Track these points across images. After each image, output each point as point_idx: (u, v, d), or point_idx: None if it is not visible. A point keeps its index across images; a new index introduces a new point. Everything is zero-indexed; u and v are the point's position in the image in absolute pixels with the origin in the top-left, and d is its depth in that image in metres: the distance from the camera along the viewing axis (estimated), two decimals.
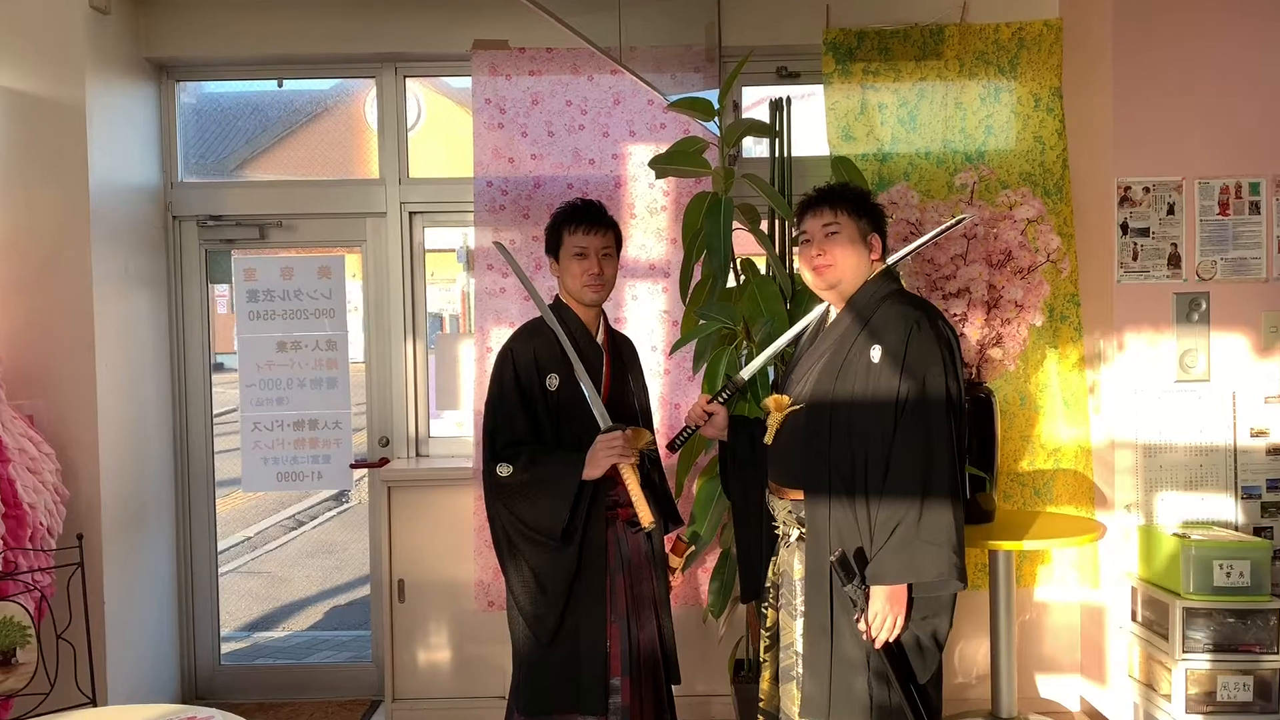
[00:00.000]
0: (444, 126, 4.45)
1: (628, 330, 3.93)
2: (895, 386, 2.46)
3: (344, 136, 4.44)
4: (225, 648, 5.07)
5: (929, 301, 2.69)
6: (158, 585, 4.06)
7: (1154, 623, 3.42)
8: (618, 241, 2.93)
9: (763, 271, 3.52)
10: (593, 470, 2.62)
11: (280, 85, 4.21)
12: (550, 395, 2.73)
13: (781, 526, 2.65)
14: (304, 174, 4.32)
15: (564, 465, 2.63)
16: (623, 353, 2.95)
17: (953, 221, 2.83)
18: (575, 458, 2.63)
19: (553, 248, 2.89)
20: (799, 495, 2.57)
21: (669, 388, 3.95)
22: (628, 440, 2.63)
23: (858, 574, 2.41)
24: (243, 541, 7.52)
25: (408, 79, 4.14)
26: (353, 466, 4.14)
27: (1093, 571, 3.82)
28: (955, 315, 3.39)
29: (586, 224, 2.84)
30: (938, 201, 3.59)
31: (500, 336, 3.89)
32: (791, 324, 3.26)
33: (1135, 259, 3.60)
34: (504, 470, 2.64)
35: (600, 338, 2.89)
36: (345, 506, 8.57)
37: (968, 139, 3.98)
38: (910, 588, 2.42)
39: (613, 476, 2.67)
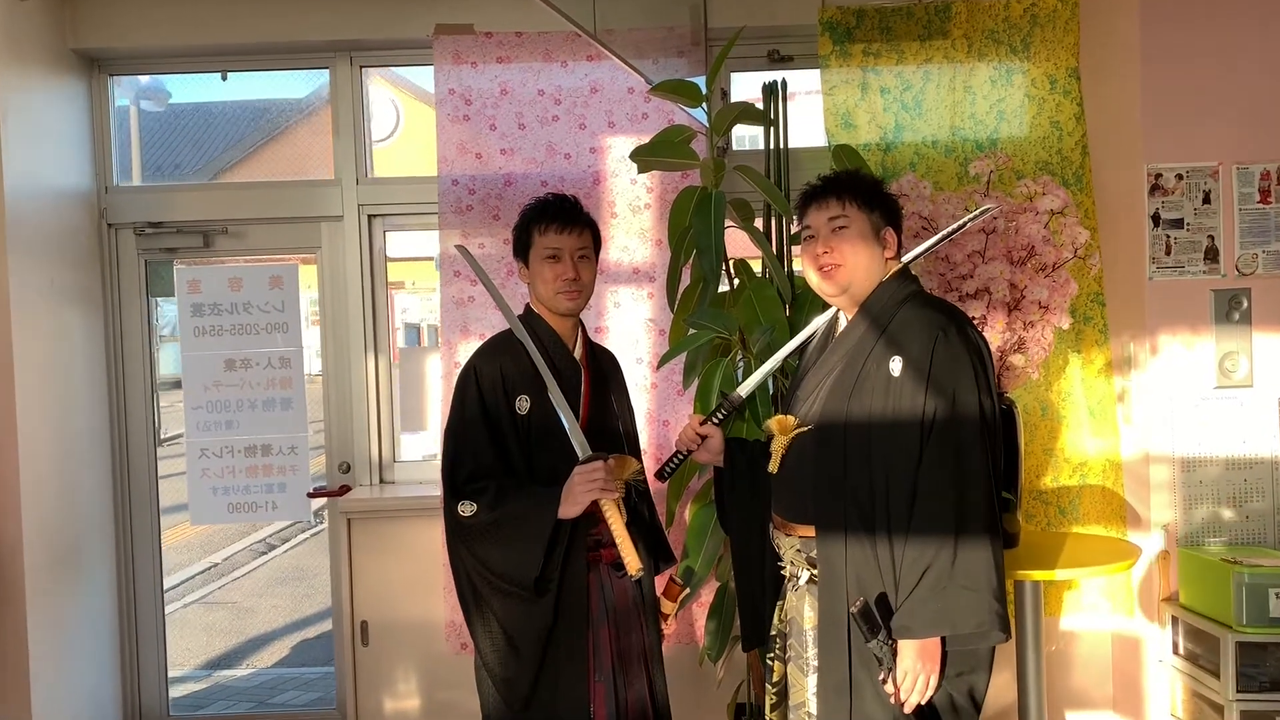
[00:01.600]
0: (424, 135, 4.05)
1: (609, 342, 3.57)
2: (920, 404, 2.12)
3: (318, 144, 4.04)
4: (182, 689, 4.71)
5: (954, 305, 2.35)
6: (95, 629, 3.67)
7: (1200, 657, 3.08)
8: (596, 242, 2.58)
9: (759, 274, 3.18)
10: (570, 508, 2.26)
11: (225, 79, 3.84)
12: (520, 420, 2.37)
13: (789, 567, 2.30)
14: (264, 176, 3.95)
15: (536, 503, 2.27)
16: (604, 369, 2.59)
17: (976, 213, 2.49)
18: (549, 493, 2.27)
19: (522, 250, 2.54)
20: (809, 532, 2.22)
21: (657, 403, 3.59)
22: (610, 471, 2.27)
23: (882, 626, 2.06)
24: (209, 569, 7.12)
25: (364, 69, 3.77)
26: (311, 495, 3.77)
27: (1126, 598, 3.47)
28: (973, 319, 3.04)
29: (559, 222, 2.48)
30: (949, 193, 3.24)
31: (468, 353, 3.53)
32: (793, 332, 2.92)
33: (1168, 253, 3.26)
34: (466, 509, 2.28)
35: (578, 352, 2.53)
36: (320, 528, 8.18)
37: (978, 125, 3.64)
38: (944, 639, 2.07)
39: (594, 513, 2.31)
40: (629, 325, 3.60)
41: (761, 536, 2.45)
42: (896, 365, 2.16)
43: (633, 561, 2.21)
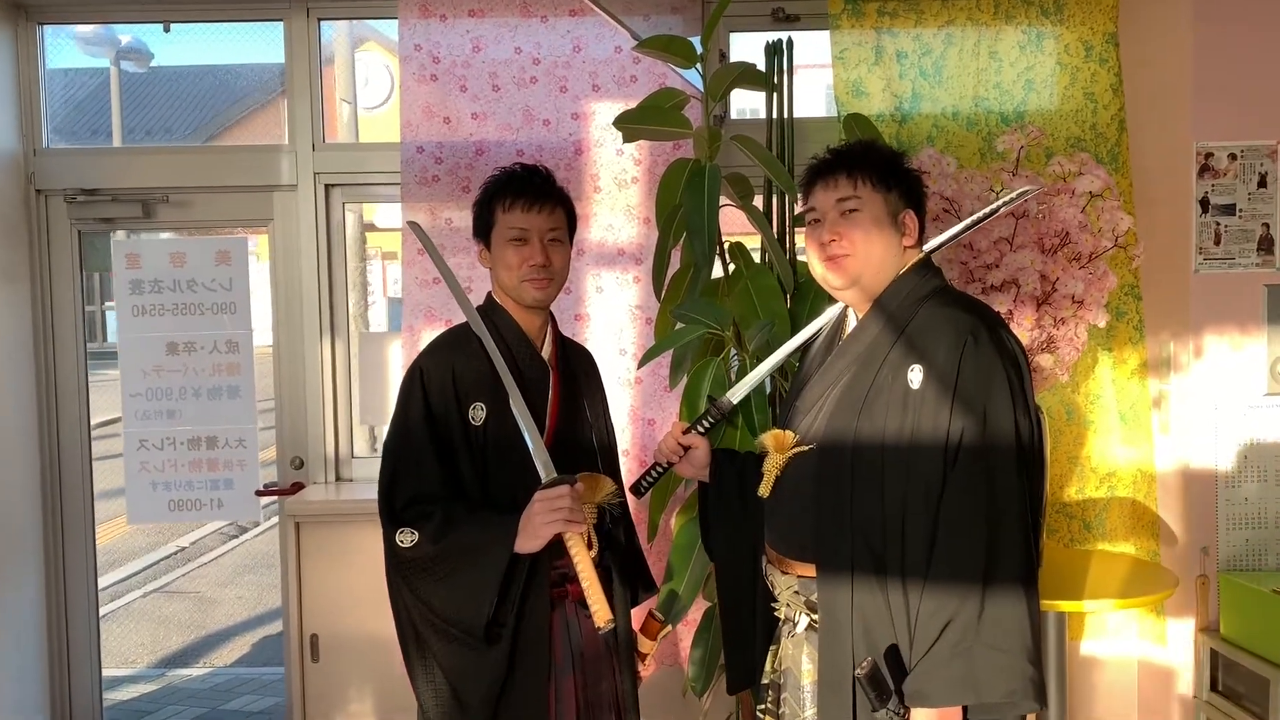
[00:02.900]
0: None
1: (591, 331, 3.22)
2: (944, 423, 1.77)
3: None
4: (131, 691, 4.40)
5: (984, 303, 1.99)
6: (20, 633, 3.33)
7: (1243, 696, 2.75)
8: (570, 222, 2.21)
9: (757, 259, 2.82)
10: (528, 541, 1.91)
11: (167, 30, 3.46)
12: (474, 432, 2.01)
13: (784, 609, 1.96)
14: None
15: (489, 534, 1.92)
16: (576, 370, 2.23)
17: (1014, 195, 2.12)
18: (505, 523, 1.92)
19: (483, 229, 2.17)
20: (808, 571, 1.88)
21: (641, 399, 3.24)
22: (578, 497, 1.92)
23: (893, 692, 1.72)
24: (176, 553, 6.78)
25: (322, 21, 3.39)
26: (260, 494, 3.42)
27: (1157, 624, 3.13)
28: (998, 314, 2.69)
29: (527, 198, 2.12)
30: (973, 170, 2.88)
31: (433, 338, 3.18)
32: (795, 327, 2.57)
33: (1217, 243, 2.91)
34: (407, 538, 1.93)
35: (546, 350, 2.17)
36: None
37: (1004, 96, 3.28)
38: (965, 708, 1.73)
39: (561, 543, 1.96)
40: (612, 313, 3.25)
41: (753, 565, 2.11)
42: (916, 376, 1.80)
43: (601, 611, 1.86)
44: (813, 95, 3.26)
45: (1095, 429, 3.21)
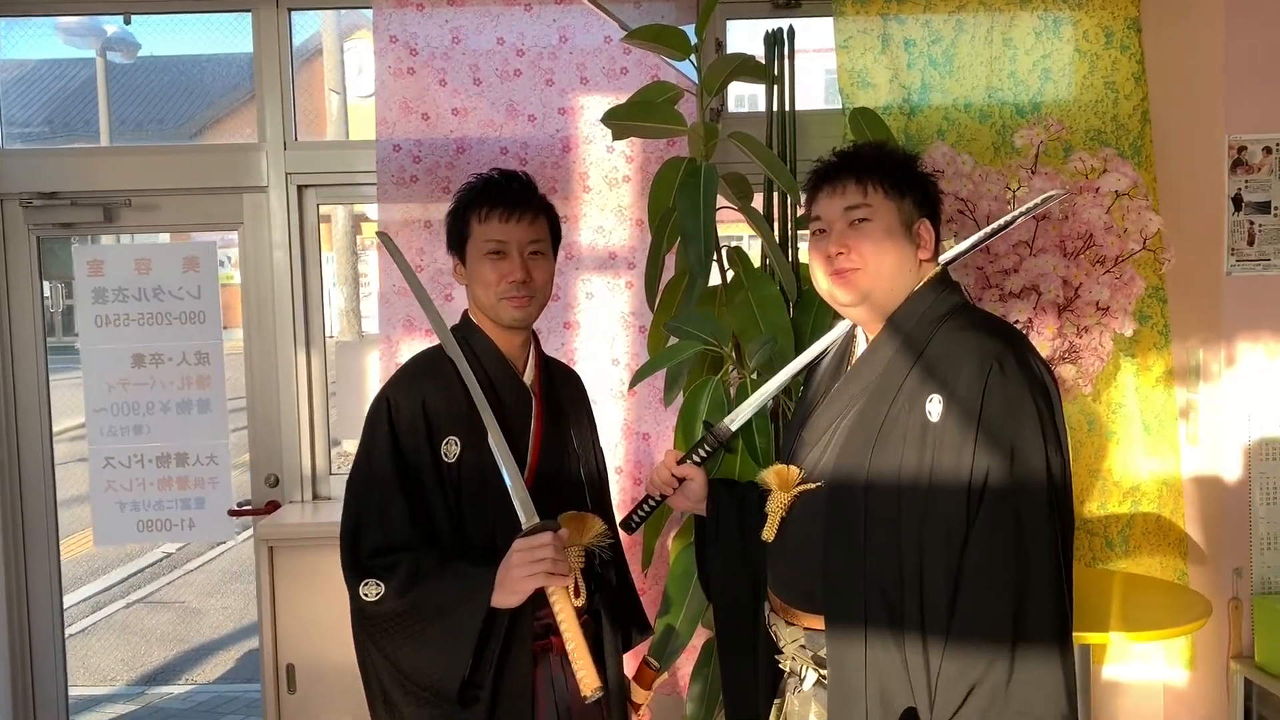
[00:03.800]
0: None
1: (581, 340, 3.03)
2: (967, 461, 1.58)
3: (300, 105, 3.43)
4: (108, 712, 4.23)
5: (1008, 324, 1.80)
6: None
7: None
8: (553, 233, 2.02)
9: (756, 262, 2.63)
10: (507, 597, 1.71)
11: (128, 22, 3.26)
12: (447, 470, 1.82)
13: (789, 662, 1.77)
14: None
15: (463, 588, 1.72)
16: (562, 396, 2.04)
17: (1041, 198, 1.93)
18: (480, 575, 1.72)
19: (457, 242, 1.98)
20: (816, 623, 1.70)
21: (635, 413, 3.05)
22: (562, 545, 1.73)
23: None
24: (162, 559, 6.60)
25: (293, 11, 3.18)
26: (233, 514, 3.24)
27: (1185, 649, 2.95)
28: (1016, 323, 2.50)
29: (505, 207, 1.92)
30: (989, 168, 2.68)
31: (411, 351, 2.97)
32: (798, 338, 2.38)
33: (1251, 243, 2.71)
34: (372, 591, 1.74)
35: (529, 375, 1.98)
36: None
37: (1019, 86, 3.07)
38: None
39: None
40: (603, 320, 3.05)
41: (754, 607, 1.93)
42: (935, 407, 1.61)
43: (588, 679, 1.67)
44: (812, 81, 3.06)
45: (1118, 440, 3.02)
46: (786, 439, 1.91)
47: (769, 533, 1.76)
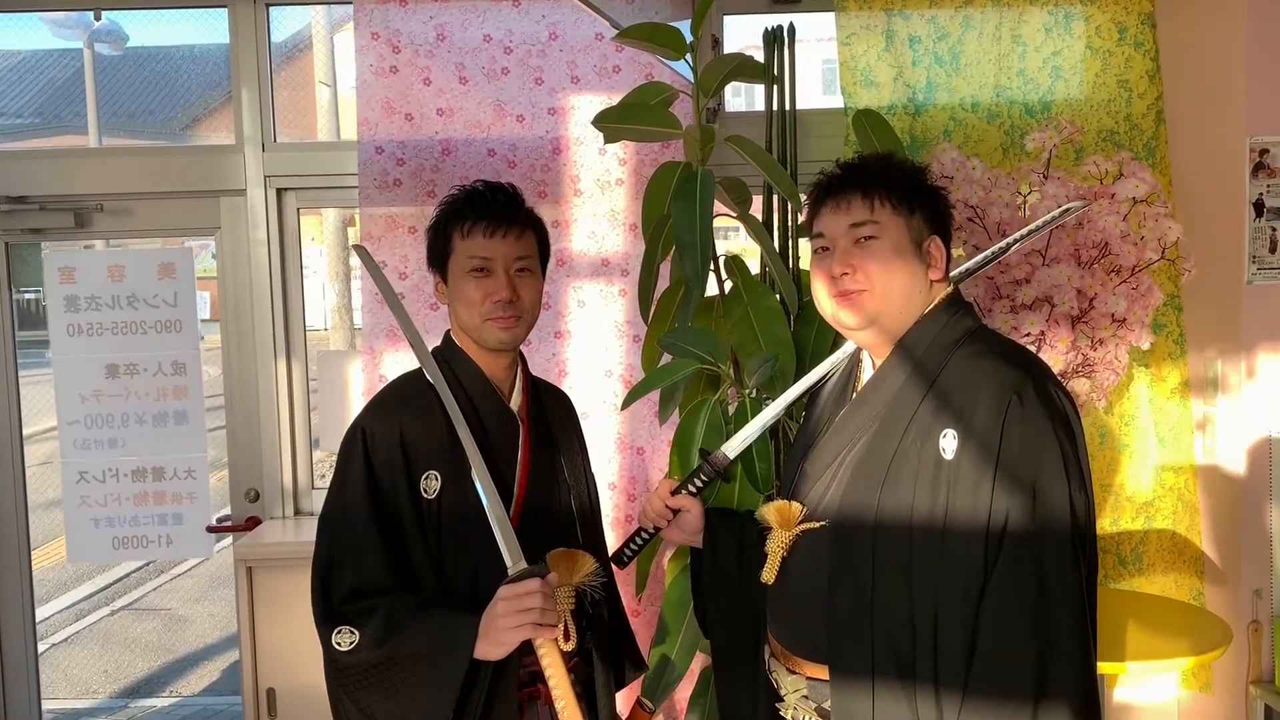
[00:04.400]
0: None
1: (573, 351, 2.91)
2: (985, 502, 1.46)
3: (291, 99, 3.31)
4: None
5: (1028, 350, 1.68)
6: None
7: None
8: (542, 249, 1.89)
9: (755, 273, 2.50)
10: (491, 648, 1.59)
11: (98, 20, 3.12)
12: (427, 506, 1.70)
13: (791, 712, 1.66)
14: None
15: (443, 638, 1.60)
16: (551, 422, 1.91)
17: (1058, 212, 1.80)
18: (462, 624, 1.60)
19: (438, 259, 1.85)
20: (820, 673, 1.58)
21: (630, 427, 2.93)
22: (551, 591, 1.60)
23: None
24: (149, 563, 6.47)
25: (271, 6, 3.05)
26: (212, 530, 3.12)
27: (1202, 672, 2.84)
28: (1028, 336, 2.38)
29: (489, 221, 1.79)
30: (999, 172, 2.55)
31: (395, 363, 2.87)
32: (801, 353, 2.26)
33: (1273, 251, 2.60)
34: (345, 639, 1.62)
35: (516, 400, 1.86)
36: None
37: (1029, 84, 2.95)
38: None
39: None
40: (596, 330, 2.93)
41: (754, 646, 1.82)
42: (950, 443, 1.50)
43: None
44: (810, 72, 2.91)
45: (1131, 454, 2.91)
46: (788, 469, 1.79)
47: (769, 574, 1.64)
